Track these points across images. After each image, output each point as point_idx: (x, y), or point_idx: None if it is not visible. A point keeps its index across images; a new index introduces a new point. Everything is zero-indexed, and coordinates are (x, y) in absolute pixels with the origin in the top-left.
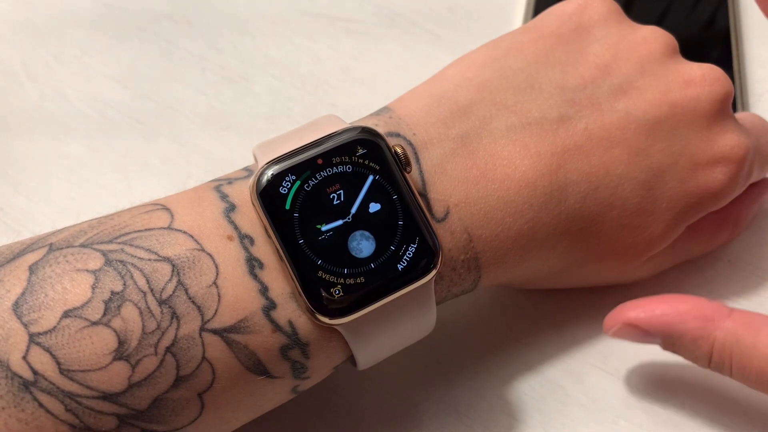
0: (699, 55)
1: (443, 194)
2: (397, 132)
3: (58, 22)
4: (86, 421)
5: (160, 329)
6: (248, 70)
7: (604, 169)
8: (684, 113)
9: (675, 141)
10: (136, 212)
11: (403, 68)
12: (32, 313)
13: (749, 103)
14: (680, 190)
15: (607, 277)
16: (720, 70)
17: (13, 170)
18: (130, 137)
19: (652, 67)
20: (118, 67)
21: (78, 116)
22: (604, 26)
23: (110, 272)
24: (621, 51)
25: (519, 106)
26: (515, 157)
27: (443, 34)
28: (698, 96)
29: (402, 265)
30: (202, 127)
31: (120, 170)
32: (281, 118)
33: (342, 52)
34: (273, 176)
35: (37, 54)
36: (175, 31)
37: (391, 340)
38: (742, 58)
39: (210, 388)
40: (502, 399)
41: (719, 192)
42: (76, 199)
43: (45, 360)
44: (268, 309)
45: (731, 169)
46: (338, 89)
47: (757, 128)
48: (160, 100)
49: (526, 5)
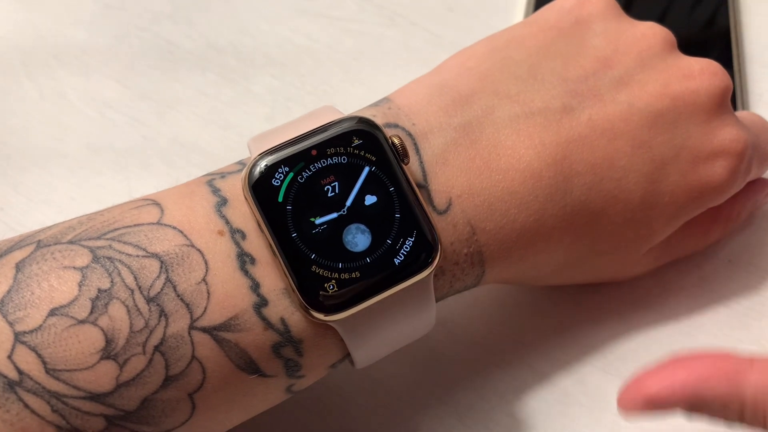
0: (699, 54)
1: (445, 185)
2: (396, 122)
3: (58, 22)
4: (73, 423)
5: (148, 328)
6: (248, 70)
7: (608, 160)
8: (685, 106)
9: (676, 134)
10: (126, 208)
11: (403, 68)
12: (18, 312)
13: (749, 102)
14: (682, 184)
15: (606, 272)
16: (718, 65)
17: (13, 170)
18: (130, 137)
19: (652, 61)
20: (118, 67)
21: (78, 116)
22: (602, 21)
23: (98, 269)
24: (621, 45)
25: (522, 96)
26: (519, 146)
27: (443, 33)
28: (698, 89)
29: (399, 259)
30: (202, 127)
31: (120, 170)
32: (281, 118)
33: (342, 52)
34: (265, 168)
35: (37, 54)
36: (175, 31)
37: (388, 337)
38: (742, 58)
39: (200, 388)
40: (502, 399)
41: (719, 186)
42: (76, 199)
43: (31, 359)
44: (260, 306)
45: (731, 163)
46: (338, 89)
47: (757, 126)
48: (160, 100)
49: (525, 5)
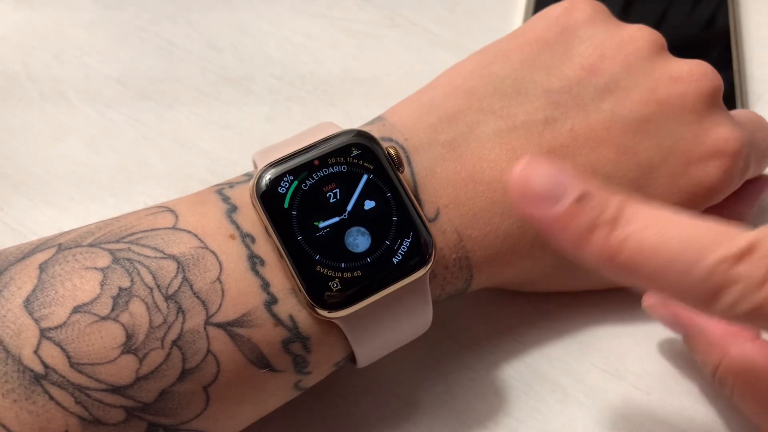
0: (699, 55)
1: (433, 196)
2: (390, 137)
3: (58, 22)
4: (95, 414)
5: (167, 323)
6: (248, 70)
7: (591, 168)
8: (672, 110)
9: (664, 138)
10: (142, 214)
11: (403, 68)
12: (43, 309)
13: (749, 102)
14: (672, 187)
15: (601, 278)
16: (708, 65)
17: (13, 170)
18: (130, 137)
19: (639, 64)
20: (118, 67)
21: (78, 116)
22: (590, 26)
23: (118, 270)
24: (607, 50)
25: (505, 110)
26: (502, 159)
27: (443, 34)
28: (685, 92)
29: (397, 258)
30: (202, 127)
31: (120, 170)
32: (281, 118)
33: (342, 52)
34: (271, 178)
35: (37, 54)
36: (175, 31)
37: (389, 335)
38: (742, 58)
39: (215, 381)
40: (502, 399)
41: (714, 186)
42: (76, 199)
43: (55, 354)
44: (270, 303)
45: (725, 163)
46: (338, 89)
47: (753, 123)
48: (160, 100)
49: (526, 5)
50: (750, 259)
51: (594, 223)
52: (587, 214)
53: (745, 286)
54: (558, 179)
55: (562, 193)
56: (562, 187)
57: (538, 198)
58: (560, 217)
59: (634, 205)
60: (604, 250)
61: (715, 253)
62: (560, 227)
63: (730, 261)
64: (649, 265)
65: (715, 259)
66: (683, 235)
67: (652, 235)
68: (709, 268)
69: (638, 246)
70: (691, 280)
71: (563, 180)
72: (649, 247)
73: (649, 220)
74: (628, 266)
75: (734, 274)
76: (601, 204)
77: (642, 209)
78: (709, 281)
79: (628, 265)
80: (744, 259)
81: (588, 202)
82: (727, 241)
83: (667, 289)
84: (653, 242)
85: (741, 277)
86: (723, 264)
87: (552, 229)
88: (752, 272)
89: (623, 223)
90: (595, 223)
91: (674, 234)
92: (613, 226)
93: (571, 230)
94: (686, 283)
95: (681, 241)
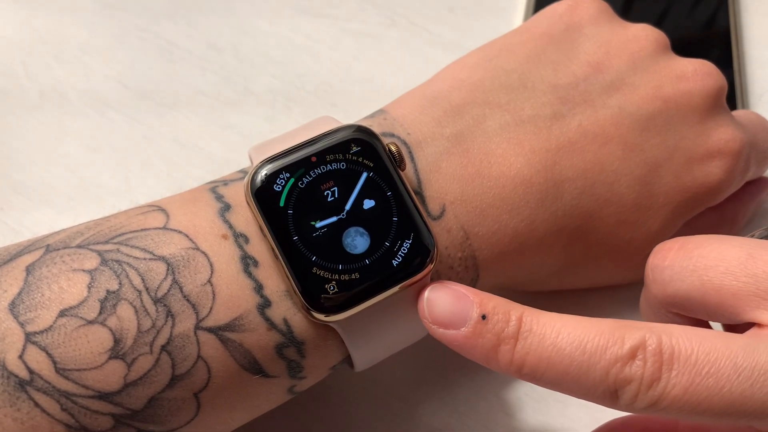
0: (699, 55)
1: (438, 192)
2: (392, 132)
3: (58, 22)
4: (82, 421)
5: (155, 328)
6: (248, 70)
7: (599, 164)
8: (677, 108)
9: (669, 136)
10: (132, 213)
11: (403, 68)
12: (28, 313)
13: (749, 103)
14: (676, 185)
15: (608, 276)
16: (712, 65)
17: (13, 170)
18: (130, 137)
19: (644, 63)
20: (118, 67)
21: (78, 116)
22: (594, 25)
23: (106, 272)
24: (612, 48)
25: (512, 104)
26: (510, 154)
27: (443, 34)
28: (691, 90)
29: (397, 260)
30: (202, 127)
31: (120, 170)
32: (281, 118)
33: (342, 52)
34: (267, 175)
35: (37, 54)
36: (175, 31)
37: (387, 339)
38: (742, 58)
39: (206, 387)
40: (502, 399)
41: (715, 186)
42: (76, 199)
43: (41, 359)
44: (263, 307)
45: (726, 163)
46: (338, 89)
47: (755, 124)
48: (160, 100)
49: (526, 5)
50: (638, 359)
51: (499, 338)
52: (491, 331)
53: (638, 386)
54: (460, 304)
55: (467, 315)
56: (465, 310)
57: (446, 323)
58: (469, 337)
59: (532, 316)
60: (511, 364)
61: (606, 357)
62: (470, 346)
63: (621, 362)
64: (551, 374)
65: (607, 362)
66: (576, 342)
67: (548, 346)
68: (602, 371)
69: (537, 359)
70: (590, 383)
71: (465, 303)
72: (547, 358)
73: (546, 330)
74: (535, 376)
75: (626, 374)
76: (502, 320)
77: (538, 319)
78: (605, 383)
79: (535, 375)
80: (634, 359)
81: (490, 319)
82: (616, 343)
83: (573, 392)
84: (549, 353)
85: (633, 377)
86: (614, 366)
87: (463, 348)
88: (642, 371)
89: (523, 335)
90: (500, 338)
91: (568, 342)
92: (516, 339)
93: (480, 348)
94: (586, 386)
95: (574, 348)
